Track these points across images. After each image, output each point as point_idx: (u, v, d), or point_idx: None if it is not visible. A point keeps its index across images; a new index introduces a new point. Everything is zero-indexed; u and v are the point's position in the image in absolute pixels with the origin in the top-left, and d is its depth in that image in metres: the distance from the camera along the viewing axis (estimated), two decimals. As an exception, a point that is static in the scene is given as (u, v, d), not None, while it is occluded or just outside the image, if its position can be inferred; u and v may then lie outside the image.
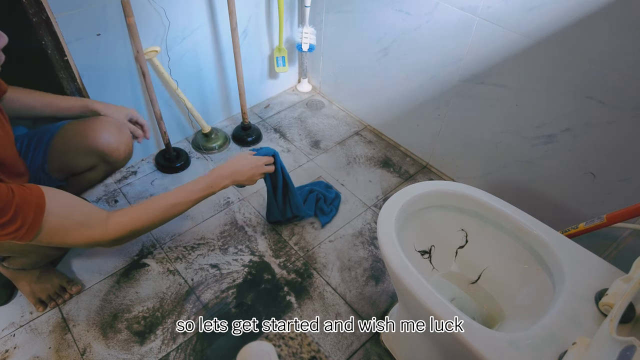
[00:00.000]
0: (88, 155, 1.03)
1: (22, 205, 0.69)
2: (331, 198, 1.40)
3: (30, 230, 0.71)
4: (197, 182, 0.97)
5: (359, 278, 1.22)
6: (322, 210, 1.37)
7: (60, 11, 1.09)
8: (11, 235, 0.69)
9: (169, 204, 0.91)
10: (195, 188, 0.96)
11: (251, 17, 1.53)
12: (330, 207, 1.38)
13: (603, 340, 0.56)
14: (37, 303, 1.11)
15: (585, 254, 0.80)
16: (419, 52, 1.35)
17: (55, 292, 1.12)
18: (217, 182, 0.99)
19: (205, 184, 0.97)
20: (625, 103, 0.96)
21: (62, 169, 1.05)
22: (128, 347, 1.05)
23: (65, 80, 1.25)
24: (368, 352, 1.07)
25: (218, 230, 1.32)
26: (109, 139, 1.03)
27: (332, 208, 1.38)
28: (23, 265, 1.05)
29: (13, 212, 0.67)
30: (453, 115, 1.37)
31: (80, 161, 1.05)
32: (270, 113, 1.79)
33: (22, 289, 1.11)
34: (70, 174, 1.09)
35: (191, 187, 0.96)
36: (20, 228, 0.69)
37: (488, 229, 0.94)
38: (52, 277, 1.12)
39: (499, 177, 1.34)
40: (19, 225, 0.69)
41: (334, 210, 1.39)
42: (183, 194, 0.94)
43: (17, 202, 0.68)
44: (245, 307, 1.14)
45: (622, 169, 1.04)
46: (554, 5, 0.97)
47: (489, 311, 0.93)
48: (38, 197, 0.73)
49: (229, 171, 1.02)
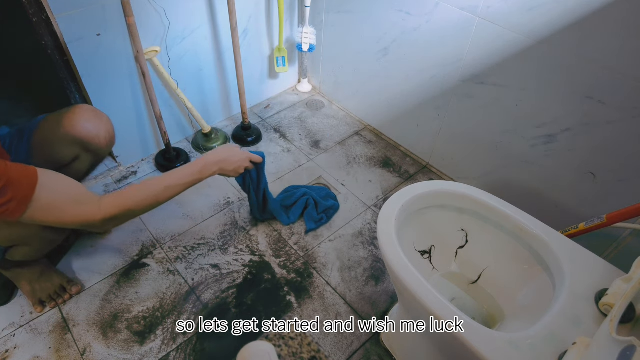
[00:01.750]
0: (69, 145, 1.04)
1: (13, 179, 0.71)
2: (325, 206, 1.36)
3: (21, 204, 0.72)
4: (188, 167, 0.99)
5: (359, 278, 1.22)
6: (310, 216, 1.34)
7: (60, 11, 1.09)
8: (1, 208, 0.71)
9: (162, 186, 0.93)
10: (187, 172, 0.98)
11: (251, 17, 1.53)
12: (321, 215, 1.34)
13: (603, 340, 0.56)
14: (37, 304, 1.11)
15: (585, 254, 0.80)
16: (419, 52, 1.35)
17: (55, 292, 1.12)
18: (206, 168, 1.01)
19: (195, 169, 0.99)
20: (625, 103, 0.96)
21: (47, 162, 1.05)
22: (128, 347, 1.05)
23: (65, 80, 1.25)
24: (368, 352, 1.07)
25: (218, 230, 1.32)
26: (87, 126, 1.03)
27: (322, 216, 1.34)
28: (26, 256, 1.04)
29: (3, 185, 0.69)
30: (453, 115, 1.37)
31: (62, 152, 1.05)
32: (270, 113, 1.79)
33: (23, 289, 1.11)
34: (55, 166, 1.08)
35: (183, 171, 0.98)
36: (10, 201, 0.70)
37: (488, 229, 0.94)
38: (52, 276, 1.12)
39: (499, 177, 1.34)
40: (9, 198, 0.70)
41: (325, 218, 1.35)
42: (175, 177, 0.96)
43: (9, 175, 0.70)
44: (245, 307, 1.14)
45: (622, 169, 1.04)
46: (554, 5, 0.97)
47: (489, 311, 0.93)
48: (31, 173, 0.74)
49: (218, 159, 1.03)
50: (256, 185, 1.21)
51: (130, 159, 1.51)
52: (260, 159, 1.15)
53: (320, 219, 1.34)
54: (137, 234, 1.30)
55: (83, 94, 1.31)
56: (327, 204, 1.37)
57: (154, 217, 1.35)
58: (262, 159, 1.16)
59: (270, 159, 1.58)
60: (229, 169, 1.06)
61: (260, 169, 1.18)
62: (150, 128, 1.49)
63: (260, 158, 1.15)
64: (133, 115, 1.41)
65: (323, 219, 1.35)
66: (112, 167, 1.48)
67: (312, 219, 1.33)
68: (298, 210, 1.35)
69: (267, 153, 1.60)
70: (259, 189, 1.22)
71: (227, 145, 1.10)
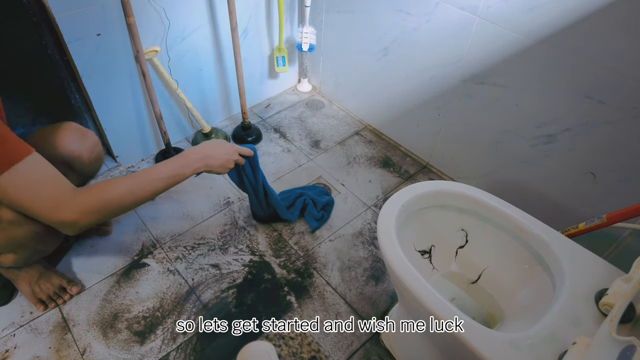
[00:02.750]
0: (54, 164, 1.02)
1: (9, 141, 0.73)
2: (322, 203, 1.36)
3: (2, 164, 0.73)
4: (170, 162, 0.94)
5: (359, 278, 1.22)
6: (312, 215, 1.34)
7: (60, 11, 1.09)
8: None
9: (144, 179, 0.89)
10: (167, 168, 0.93)
11: (251, 17, 1.53)
12: (321, 212, 1.35)
13: (603, 340, 0.56)
14: (38, 303, 1.11)
15: (585, 254, 0.80)
16: (419, 52, 1.35)
17: (55, 293, 1.12)
18: (189, 163, 0.95)
19: (178, 164, 0.94)
20: (625, 103, 0.96)
21: None
22: (128, 347, 1.05)
23: (65, 80, 1.25)
24: (368, 352, 1.07)
25: (218, 230, 1.32)
26: (70, 147, 1.01)
27: (322, 213, 1.35)
28: (14, 263, 1.02)
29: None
30: (453, 115, 1.37)
31: None
32: (270, 113, 1.79)
33: (22, 290, 1.11)
34: None
35: (163, 165, 0.93)
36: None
37: (488, 229, 0.94)
38: (51, 277, 1.12)
39: (499, 177, 1.34)
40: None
41: (326, 216, 1.36)
42: (155, 172, 0.91)
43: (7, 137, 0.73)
44: (245, 307, 1.14)
45: (622, 169, 1.04)
46: (554, 5, 0.97)
47: (489, 311, 0.93)
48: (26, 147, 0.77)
49: (203, 154, 0.98)
50: (253, 180, 1.17)
51: (130, 158, 1.51)
52: (251, 152, 1.09)
53: (322, 217, 1.35)
54: (137, 233, 1.30)
55: (83, 94, 1.31)
56: (323, 200, 1.37)
57: (154, 217, 1.35)
58: (254, 152, 1.10)
59: (270, 158, 1.58)
60: (215, 165, 1.00)
61: (254, 162, 1.13)
62: (150, 128, 1.49)
63: (250, 151, 1.09)
64: (133, 115, 1.41)
65: (324, 216, 1.35)
66: (112, 167, 1.48)
67: (313, 218, 1.33)
68: (297, 210, 1.34)
69: (267, 153, 1.60)
70: (257, 184, 1.18)
71: (213, 140, 1.04)
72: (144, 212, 1.36)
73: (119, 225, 1.32)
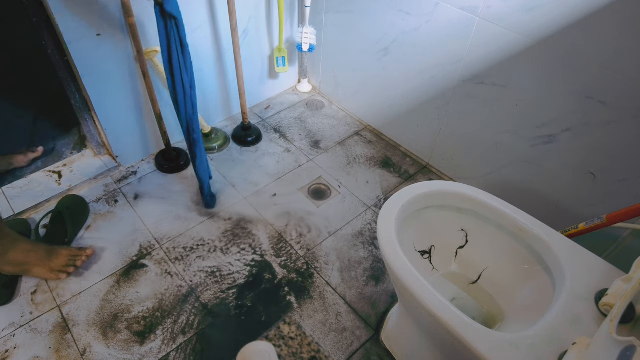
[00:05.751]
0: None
1: None
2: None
3: None
4: None
5: (359, 278, 1.22)
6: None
7: (60, 11, 1.09)
8: None
9: None
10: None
11: (251, 17, 1.53)
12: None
13: (603, 340, 0.56)
14: (60, 273, 1.14)
15: (585, 254, 0.80)
16: (419, 52, 1.35)
17: (70, 260, 1.15)
18: None
19: None
20: (625, 103, 0.96)
21: None
22: (128, 347, 1.05)
23: (65, 80, 1.26)
24: (368, 352, 1.07)
25: (218, 231, 1.32)
26: None
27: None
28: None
29: None
30: (453, 115, 1.37)
31: None
32: (270, 113, 1.79)
33: (38, 273, 1.13)
34: None
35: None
36: None
37: (488, 229, 0.94)
38: (59, 252, 1.15)
39: (499, 177, 1.34)
40: None
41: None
42: None
43: None
44: (246, 307, 1.14)
45: (622, 169, 1.04)
46: (554, 5, 0.98)
47: (489, 311, 0.93)
48: None
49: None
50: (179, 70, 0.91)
51: (130, 159, 1.51)
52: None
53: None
54: (136, 234, 1.30)
55: (83, 94, 1.31)
56: None
57: (154, 217, 1.35)
58: (177, 16, 0.85)
59: (271, 159, 1.58)
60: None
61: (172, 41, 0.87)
62: (150, 128, 1.49)
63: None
64: (133, 115, 1.41)
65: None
66: (112, 167, 1.48)
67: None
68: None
69: (267, 153, 1.60)
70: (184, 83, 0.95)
71: None
72: (144, 212, 1.36)
73: (119, 225, 1.32)
